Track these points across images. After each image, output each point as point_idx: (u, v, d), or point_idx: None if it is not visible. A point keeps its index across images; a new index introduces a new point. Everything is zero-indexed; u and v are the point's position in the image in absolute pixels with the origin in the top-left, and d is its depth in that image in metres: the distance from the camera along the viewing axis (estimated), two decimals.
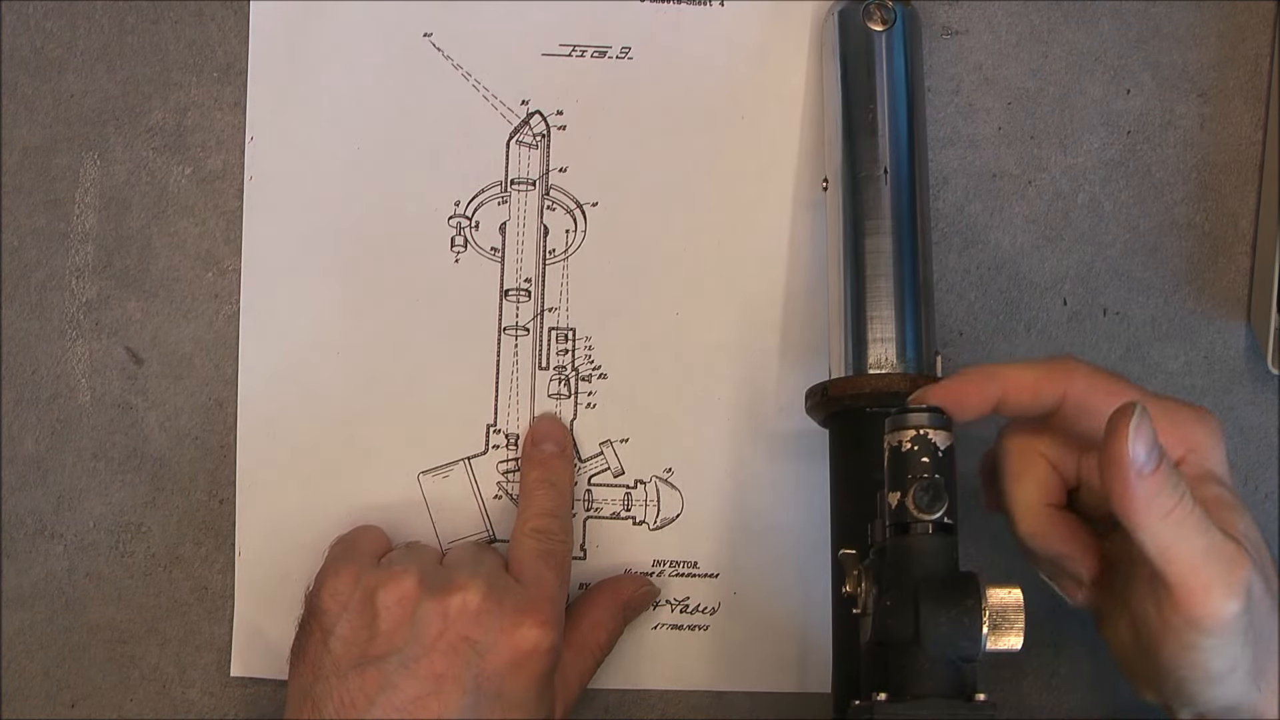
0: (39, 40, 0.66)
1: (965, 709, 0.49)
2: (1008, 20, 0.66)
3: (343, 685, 0.56)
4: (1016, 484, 0.57)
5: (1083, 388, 0.54)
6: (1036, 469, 0.57)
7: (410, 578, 0.57)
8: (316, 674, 0.57)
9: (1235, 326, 0.66)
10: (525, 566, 0.60)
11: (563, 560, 0.61)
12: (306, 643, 0.59)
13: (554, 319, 0.66)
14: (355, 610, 0.57)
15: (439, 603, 0.57)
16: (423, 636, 0.56)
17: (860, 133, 0.61)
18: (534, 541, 0.61)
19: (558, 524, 0.62)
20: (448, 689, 0.56)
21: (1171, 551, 0.49)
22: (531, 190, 0.66)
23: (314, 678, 0.57)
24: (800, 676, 0.65)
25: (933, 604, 0.50)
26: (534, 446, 0.64)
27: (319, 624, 0.58)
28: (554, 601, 0.59)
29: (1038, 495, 0.57)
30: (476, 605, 0.56)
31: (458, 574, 0.58)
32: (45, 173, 0.65)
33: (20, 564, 0.65)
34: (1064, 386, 0.54)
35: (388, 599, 0.57)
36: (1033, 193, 0.66)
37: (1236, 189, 0.66)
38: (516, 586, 0.58)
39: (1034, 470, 0.57)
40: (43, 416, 0.65)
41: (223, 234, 0.66)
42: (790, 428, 0.65)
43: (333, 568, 0.59)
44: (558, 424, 0.65)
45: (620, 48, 0.66)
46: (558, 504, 0.63)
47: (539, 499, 0.63)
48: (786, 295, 0.66)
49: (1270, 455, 0.65)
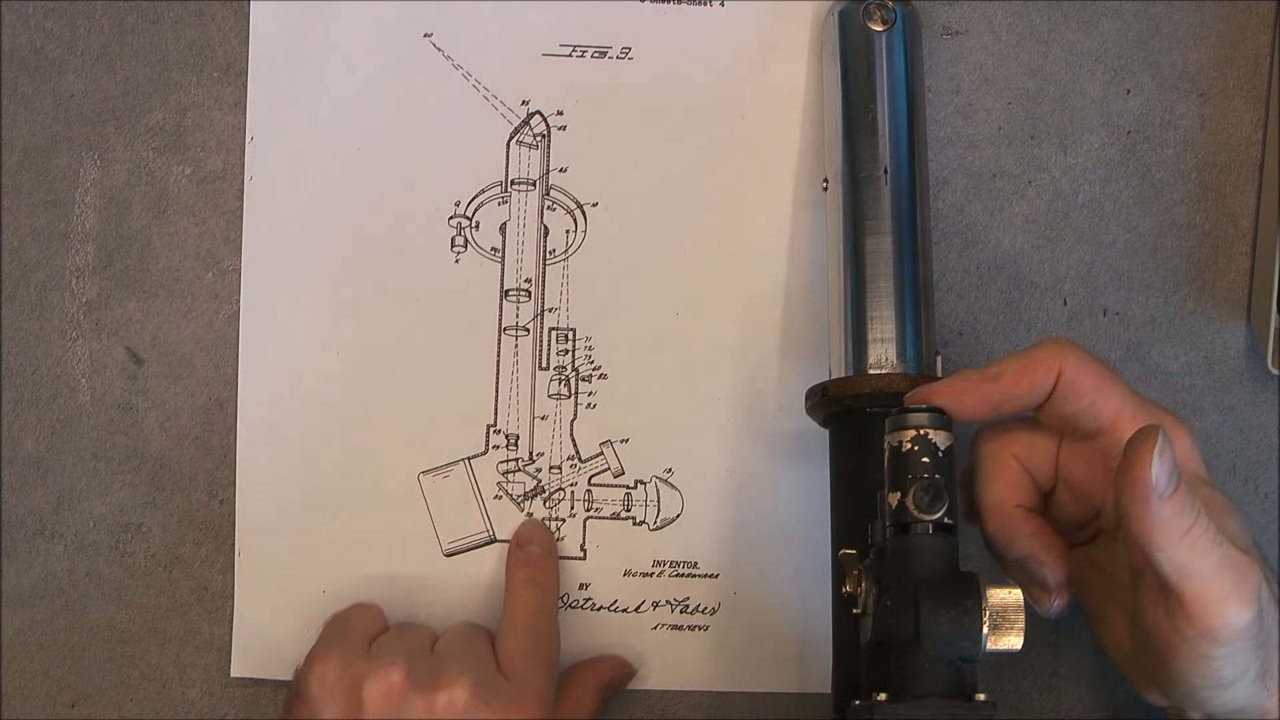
0: (39, 40, 0.66)
1: (965, 709, 0.49)
2: (1008, 20, 0.66)
3: None
4: (987, 485, 0.57)
5: (1074, 370, 0.54)
6: (1008, 471, 0.57)
7: (398, 671, 0.57)
8: None
9: (1235, 326, 0.66)
10: (515, 664, 0.59)
11: (552, 658, 0.61)
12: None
13: (554, 319, 0.66)
14: (341, 700, 0.57)
15: (425, 699, 0.56)
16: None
17: (860, 133, 0.61)
18: (524, 639, 0.60)
19: (546, 622, 0.62)
20: None
21: (1188, 569, 0.49)
22: (532, 190, 0.66)
23: None
24: (800, 676, 0.65)
25: (933, 604, 0.50)
26: (519, 548, 0.64)
27: (305, 708, 0.58)
28: (542, 700, 0.59)
29: (1007, 496, 0.57)
30: (464, 703, 0.56)
31: (447, 668, 0.57)
32: (45, 173, 0.65)
33: (20, 564, 0.65)
34: (1058, 366, 0.54)
35: (374, 691, 0.56)
36: (1033, 193, 0.66)
37: (1236, 189, 0.66)
38: (505, 685, 0.58)
39: (1005, 472, 0.57)
40: (43, 416, 0.65)
41: (223, 234, 0.66)
42: (790, 428, 0.65)
43: (322, 651, 0.59)
44: (542, 528, 0.65)
45: (620, 48, 0.66)
46: (544, 603, 0.63)
47: (526, 598, 0.62)
48: (786, 295, 0.66)
49: (1270, 455, 0.65)
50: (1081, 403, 0.54)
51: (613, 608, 0.65)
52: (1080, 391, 0.54)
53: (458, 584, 0.65)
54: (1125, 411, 0.54)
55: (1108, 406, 0.54)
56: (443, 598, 0.65)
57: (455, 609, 0.65)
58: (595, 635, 0.65)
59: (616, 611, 0.65)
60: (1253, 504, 0.65)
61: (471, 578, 0.65)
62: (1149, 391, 0.65)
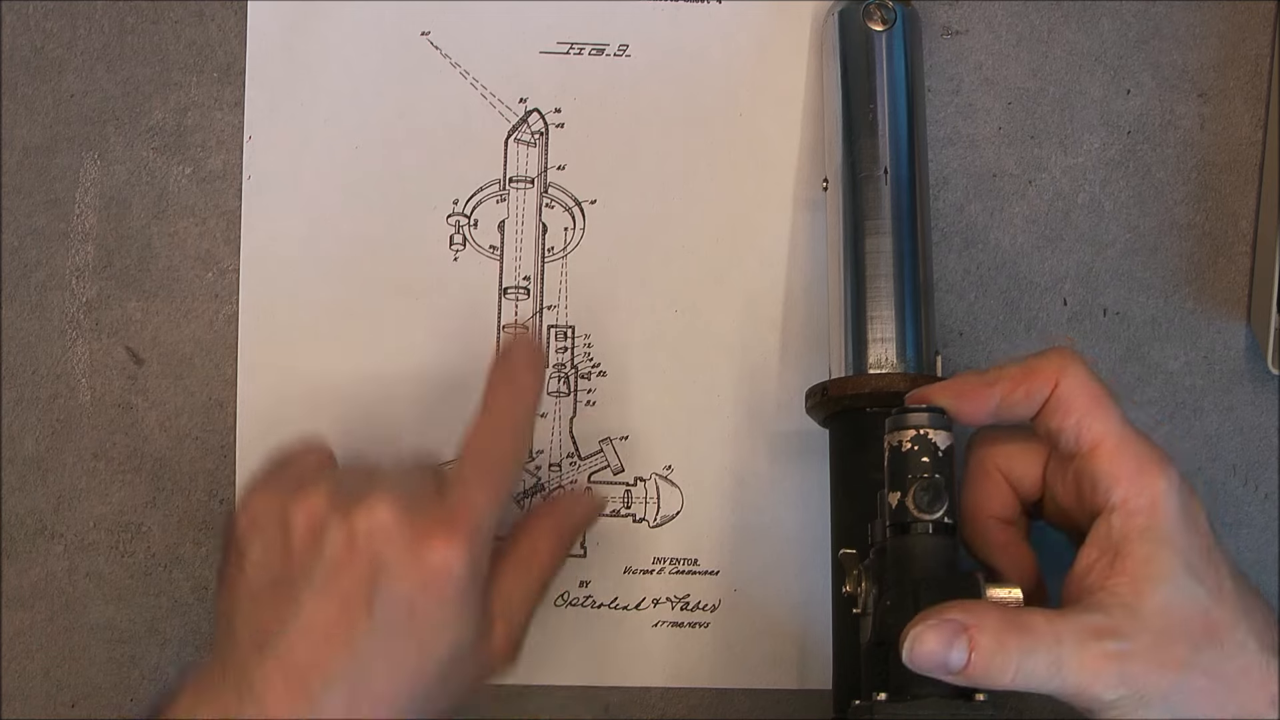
0: (39, 40, 0.65)
1: (965, 709, 0.49)
2: (1008, 20, 0.66)
3: (255, 608, 0.54)
4: (966, 493, 0.57)
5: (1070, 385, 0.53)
6: (987, 482, 0.57)
7: (320, 495, 0.55)
8: (233, 597, 0.55)
9: (1235, 326, 0.66)
10: (458, 473, 0.56)
11: (503, 474, 0.57)
12: (225, 568, 0.57)
13: (553, 317, 0.66)
14: (268, 532, 0.55)
15: (346, 521, 0.54)
16: (329, 557, 0.53)
17: (860, 133, 0.61)
18: (477, 447, 0.57)
19: (507, 439, 0.58)
20: (355, 610, 0.53)
21: None
22: (530, 188, 0.66)
23: (231, 600, 0.55)
24: (801, 674, 0.65)
25: (932, 604, 0.50)
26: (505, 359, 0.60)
27: (235, 547, 0.56)
28: (474, 516, 0.55)
29: (983, 506, 0.57)
30: (385, 522, 0.53)
31: (373, 489, 0.54)
32: (45, 173, 0.65)
33: (20, 564, 0.65)
34: (1056, 378, 0.53)
35: (297, 516, 0.54)
36: (1033, 193, 0.66)
37: (1236, 189, 0.66)
38: (434, 502, 0.55)
39: (985, 483, 0.57)
40: (43, 416, 0.65)
41: (223, 234, 0.66)
42: (790, 426, 0.65)
43: (256, 489, 0.57)
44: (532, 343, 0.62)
45: (618, 45, 0.66)
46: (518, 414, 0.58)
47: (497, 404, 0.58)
48: (786, 293, 0.66)
49: (1270, 455, 0.65)
50: (1069, 420, 0.53)
51: (613, 605, 0.65)
52: (1070, 409, 0.53)
53: None
54: (1108, 441, 0.53)
55: (1093, 430, 0.53)
56: None
57: None
58: (595, 632, 0.65)
59: (617, 609, 0.65)
60: (1253, 504, 0.65)
61: None
62: (1149, 391, 0.65)
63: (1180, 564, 0.51)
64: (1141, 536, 0.51)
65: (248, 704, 0.53)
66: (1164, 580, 0.51)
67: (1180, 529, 0.52)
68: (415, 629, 0.54)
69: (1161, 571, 0.51)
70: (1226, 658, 0.51)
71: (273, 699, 0.53)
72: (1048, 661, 0.49)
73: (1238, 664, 0.51)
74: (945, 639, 0.48)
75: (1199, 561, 0.52)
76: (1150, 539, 0.51)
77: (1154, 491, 0.52)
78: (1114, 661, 0.49)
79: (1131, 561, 0.51)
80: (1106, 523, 0.52)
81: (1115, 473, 0.52)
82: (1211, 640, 0.51)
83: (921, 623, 0.49)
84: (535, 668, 0.65)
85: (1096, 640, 0.49)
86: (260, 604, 0.54)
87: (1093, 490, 0.53)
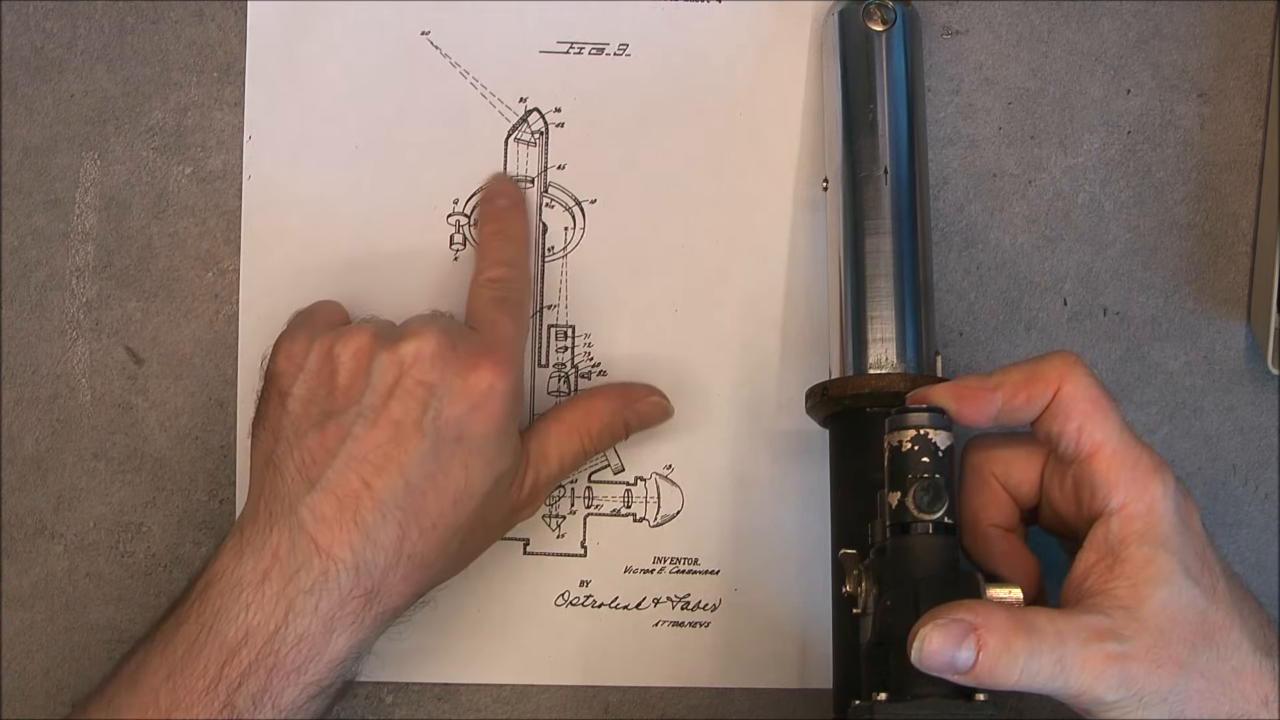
0: (39, 40, 0.65)
1: (965, 709, 0.49)
2: (1008, 20, 0.66)
3: (302, 444, 0.56)
4: (965, 501, 0.57)
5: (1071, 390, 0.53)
6: (985, 490, 0.57)
7: (365, 333, 0.57)
8: (277, 437, 0.57)
9: (1235, 326, 0.66)
10: (481, 314, 0.60)
11: (518, 307, 0.61)
12: (265, 410, 0.58)
13: (553, 316, 0.66)
14: (312, 369, 0.57)
15: (393, 352, 0.56)
16: (379, 386, 0.56)
17: (860, 132, 0.61)
18: (490, 290, 0.61)
19: (513, 272, 0.62)
20: (407, 435, 0.55)
21: None
22: (530, 188, 0.66)
23: (274, 441, 0.57)
24: (801, 673, 0.65)
25: (933, 604, 0.50)
26: (488, 203, 0.64)
27: (276, 388, 0.58)
28: (510, 346, 0.58)
29: (983, 515, 0.57)
30: (431, 351, 0.56)
31: (411, 325, 0.58)
32: (45, 173, 0.65)
33: (20, 564, 0.65)
34: (1058, 383, 0.54)
35: (343, 353, 0.57)
36: (1033, 193, 0.66)
37: (1236, 189, 0.66)
38: (471, 333, 0.58)
39: (983, 491, 0.57)
40: (43, 416, 0.65)
41: (223, 234, 0.66)
42: (790, 426, 0.65)
43: (289, 334, 0.59)
44: (508, 180, 0.65)
45: (618, 45, 0.66)
46: (513, 254, 0.62)
47: (494, 249, 0.62)
48: (786, 293, 0.66)
49: (1270, 455, 0.65)
50: (1069, 425, 0.53)
51: (613, 604, 0.65)
52: (1070, 414, 0.53)
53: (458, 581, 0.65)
54: (1107, 448, 0.53)
55: (1093, 437, 0.53)
56: (443, 595, 0.64)
57: (455, 606, 0.65)
58: (596, 632, 0.65)
59: (617, 608, 0.65)
60: (1253, 504, 0.66)
61: (472, 575, 0.65)
62: (1149, 391, 0.65)
63: (1178, 567, 0.51)
64: (1140, 540, 0.52)
65: (299, 540, 0.54)
66: (1162, 583, 0.51)
67: (1177, 532, 0.52)
68: (463, 451, 0.56)
69: (1160, 574, 0.51)
70: (1222, 659, 0.51)
71: (324, 532, 0.54)
72: (1052, 661, 0.49)
73: (1232, 665, 0.51)
74: (953, 639, 0.48)
75: (1195, 564, 0.52)
76: (1148, 542, 0.52)
77: (1151, 496, 0.52)
78: (1115, 662, 0.49)
79: (1130, 565, 0.51)
80: (1105, 527, 0.52)
81: (1113, 478, 0.52)
82: (1208, 641, 0.51)
83: (929, 622, 0.49)
84: (535, 668, 0.65)
85: (1098, 641, 0.49)
86: (307, 439, 0.56)
87: (1091, 495, 0.53)
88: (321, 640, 0.54)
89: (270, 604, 0.54)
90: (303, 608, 0.54)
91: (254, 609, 0.54)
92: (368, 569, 0.55)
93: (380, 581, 0.55)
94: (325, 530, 0.54)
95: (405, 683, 0.65)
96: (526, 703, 0.65)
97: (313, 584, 0.54)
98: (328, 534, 0.54)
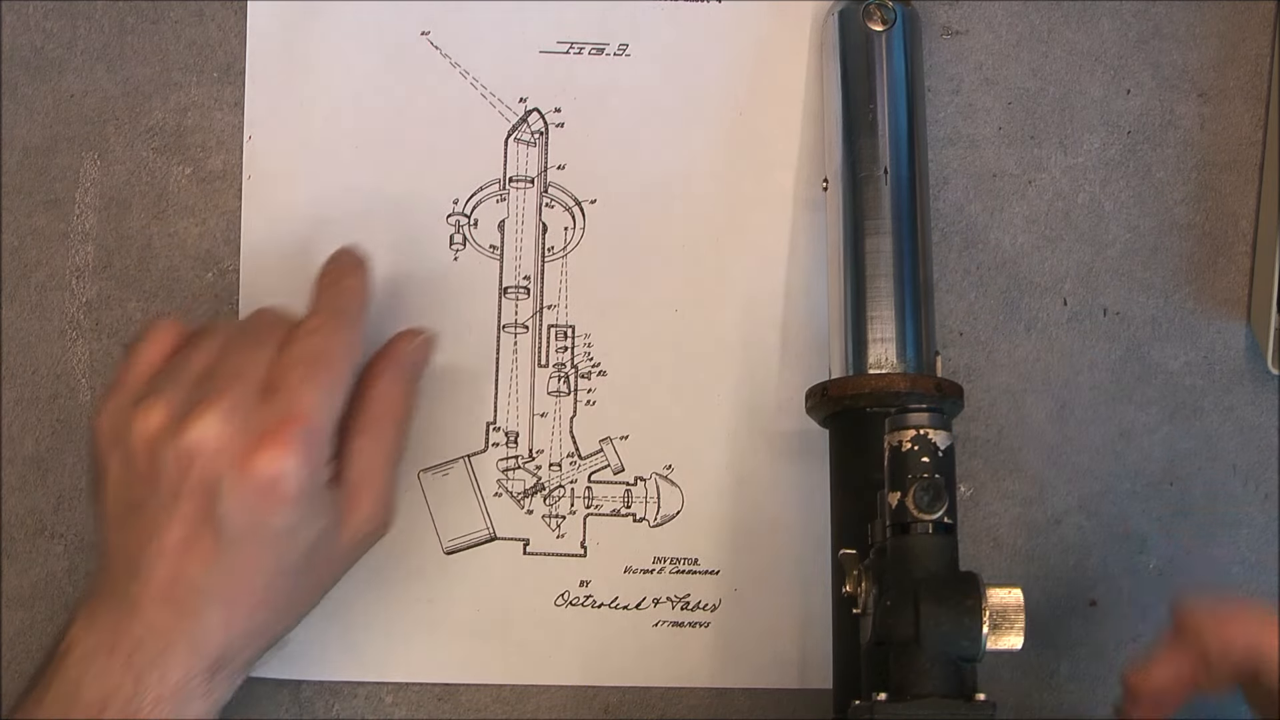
0: (39, 40, 0.65)
1: (965, 709, 0.49)
2: (1008, 20, 0.66)
3: (121, 529, 0.55)
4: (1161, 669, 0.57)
5: None
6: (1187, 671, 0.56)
7: (156, 413, 0.54)
8: (101, 519, 0.56)
9: (1235, 326, 0.66)
10: (283, 377, 0.55)
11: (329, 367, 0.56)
12: (93, 486, 0.57)
13: (553, 316, 0.66)
14: (120, 449, 0.55)
15: (178, 441, 0.53)
16: (169, 481, 0.54)
17: (860, 132, 0.61)
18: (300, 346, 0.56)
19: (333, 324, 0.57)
20: (204, 532, 0.54)
21: None
22: (530, 188, 0.66)
23: (100, 522, 0.56)
24: (801, 673, 0.65)
25: (933, 604, 0.50)
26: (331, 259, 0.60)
27: (98, 463, 0.57)
28: (303, 418, 0.54)
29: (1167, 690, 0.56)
30: (213, 437, 0.53)
31: (207, 394, 0.54)
32: (45, 173, 0.65)
33: (20, 564, 0.65)
34: None
35: (137, 441, 0.55)
36: (1033, 193, 0.66)
37: (1236, 189, 0.66)
38: (262, 406, 0.54)
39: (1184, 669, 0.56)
40: (43, 416, 0.65)
41: (223, 234, 0.66)
42: (790, 426, 0.65)
43: (103, 395, 0.57)
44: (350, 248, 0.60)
45: (618, 45, 0.66)
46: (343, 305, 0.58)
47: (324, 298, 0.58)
48: (786, 293, 0.66)
49: (1270, 455, 0.65)
50: None
51: (613, 605, 0.65)
52: None
53: (458, 581, 0.65)
54: None
55: None
56: (443, 595, 0.65)
57: (455, 606, 0.65)
58: (596, 632, 0.65)
59: (617, 608, 0.65)
60: (1253, 504, 0.65)
61: (472, 575, 0.65)
62: (1149, 391, 0.66)
63: None
64: None
65: (135, 621, 0.54)
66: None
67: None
68: (263, 537, 0.54)
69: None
70: None
71: (155, 615, 0.54)
72: None
73: None
74: None
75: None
76: None
77: None
78: None
79: None
80: None
81: None
82: None
83: None
84: (535, 668, 0.65)
85: None
86: (123, 525, 0.55)
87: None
88: (178, 703, 0.54)
89: (119, 673, 0.53)
90: (150, 679, 0.53)
91: (108, 676, 0.53)
92: (204, 649, 0.54)
93: (220, 656, 0.55)
94: (156, 613, 0.54)
95: (405, 683, 0.65)
96: (526, 703, 0.65)
97: (154, 659, 0.54)
98: (158, 617, 0.54)
